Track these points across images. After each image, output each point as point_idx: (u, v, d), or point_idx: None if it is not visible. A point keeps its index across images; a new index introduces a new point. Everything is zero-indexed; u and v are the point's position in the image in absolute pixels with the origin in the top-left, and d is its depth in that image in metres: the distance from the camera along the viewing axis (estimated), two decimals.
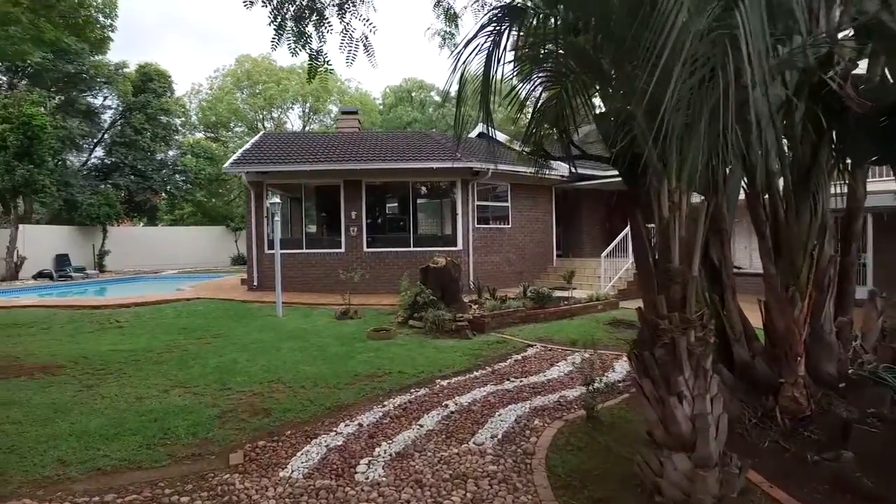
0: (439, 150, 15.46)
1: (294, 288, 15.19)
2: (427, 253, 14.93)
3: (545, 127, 6.06)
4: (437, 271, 10.62)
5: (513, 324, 10.63)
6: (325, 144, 16.12)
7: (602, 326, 10.68)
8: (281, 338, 9.72)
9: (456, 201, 15.46)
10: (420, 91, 43.70)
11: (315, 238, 16.40)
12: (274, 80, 35.04)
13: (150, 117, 25.86)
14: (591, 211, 18.79)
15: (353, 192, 15.25)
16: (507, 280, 16.28)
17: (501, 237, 16.36)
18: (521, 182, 16.72)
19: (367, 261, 15.19)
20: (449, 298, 10.74)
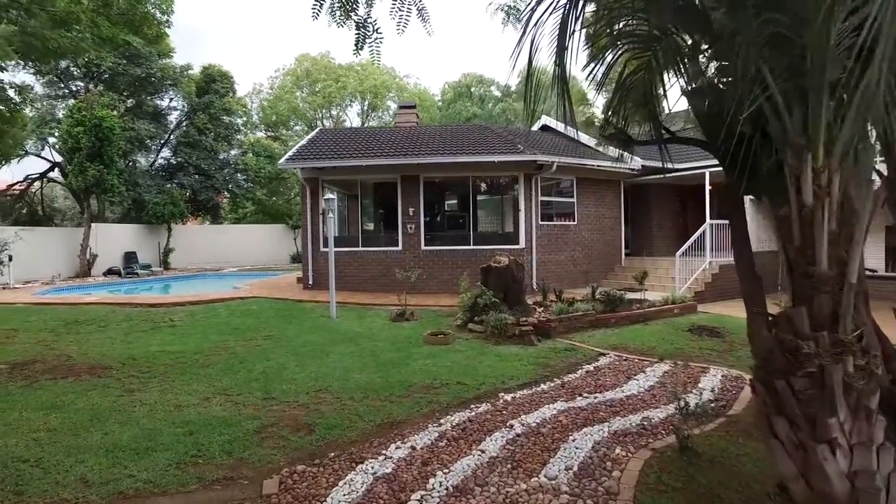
0: (500, 143, 14.67)
1: (349, 287, 14.77)
2: (487, 251, 14.19)
3: (628, 107, 5.16)
4: (499, 271, 9.86)
5: (581, 329, 9.73)
6: (382, 139, 15.63)
7: (681, 333, 9.62)
8: (332, 341, 9.21)
9: (518, 197, 14.62)
10: (479, 86, 42.92)
11: (371, 236, 15.95)
12: (332, 77, 35.11)
13: (213, 117, 26.29)
14: (661, 207, 17.53)
15: (410, 188, 14.67)
16: (573, 280, 15.33)
17: (566, 235, 15.40)
18: (589, 176, 15.71)
19: (425, 259, 14.58)
20: (512, 300, 9.95)
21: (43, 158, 24.21)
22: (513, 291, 9.96)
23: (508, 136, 15.70)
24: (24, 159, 23.97)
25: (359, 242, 15.06)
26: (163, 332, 10.05)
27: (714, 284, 14.08)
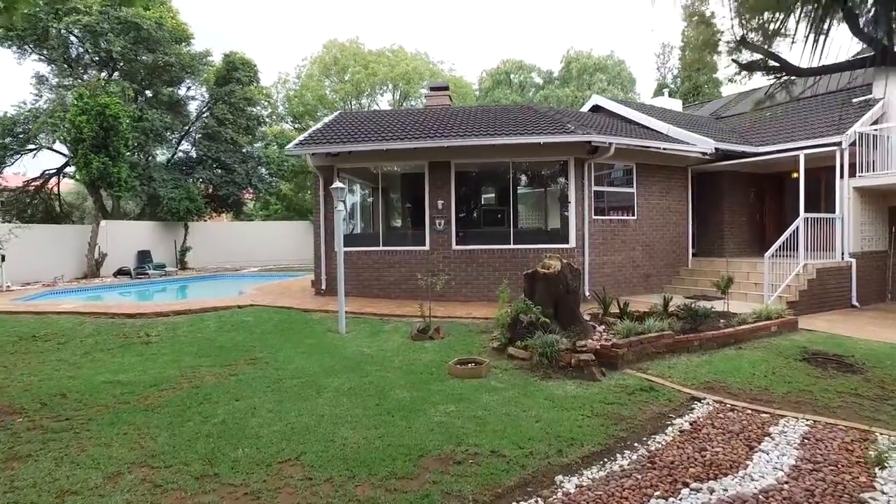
0: (546, 123, 12.36)
1: (367, 293, 12.72)
2: (530, 252, 11.95)
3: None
4: (549, 279, 7.60)
5: (656, 355, 7.40)
6: (409, 121, 13.50)
7: (794, 364, 7.18)
8: (331, 369, 7.15)
9: (568, 186, 12.28)
10: (519, 72, 40.44)
11: (395, 234, 13.86)
12: (361, 64, 33.14)
13: (234, 107, 24.66)
14: (734, 199, 14.87)
15: (440, 177, 12.51)
16: (632, 286, 12.93)
17: (625, 232, 12.98)
18: (651, 162, 13.23)
19: (456, 261, 12.41)
20: (565, 317, 7.69)
21: (57, 152, 23.02)
22: (566, 305, 7.69)
23: (555, 116, 13.36)
24: (38, 153, 22.81)
25: (379, 241, 12.97)
26: (130, 351, 8.17)
27: (811, 293, 11.48)
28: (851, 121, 12.75)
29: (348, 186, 14.43)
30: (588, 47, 47.30)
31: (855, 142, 12.31)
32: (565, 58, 41.50)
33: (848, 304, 12.37)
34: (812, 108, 15.21)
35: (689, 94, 32.89)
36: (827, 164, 12.63)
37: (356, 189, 14.75)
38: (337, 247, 9.77)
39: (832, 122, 13.33)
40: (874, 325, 10.11)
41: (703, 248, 14.93)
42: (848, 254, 12.46)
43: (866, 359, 7.40)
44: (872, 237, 13.18)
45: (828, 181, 13.69)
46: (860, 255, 12.67)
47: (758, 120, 16.19)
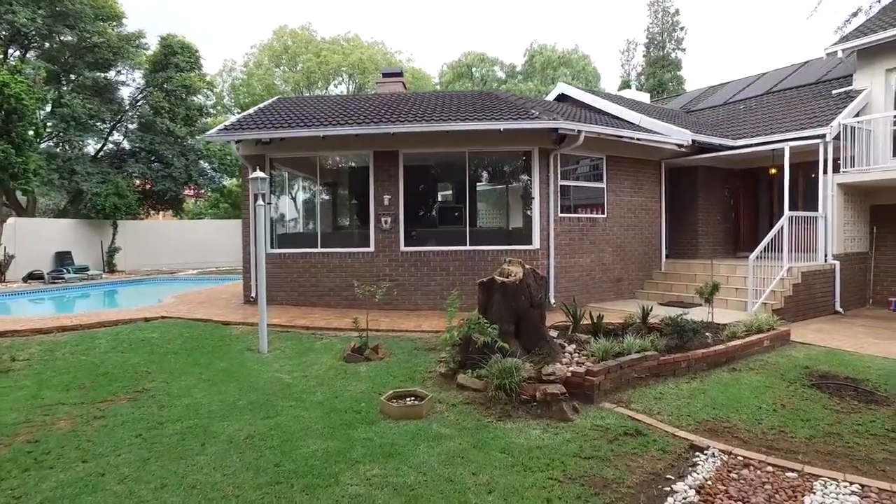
0: (508, 109, 10.98)
1: (304, 301, 11.12)
2: (489, 254, 10.56)
3: None
4: (508, 290, 6.16)
5: (638, 381, 6.06)
6: (353, 107, 11.91)
7: (803, 391, 5.94)
8: (235, 404, 5.59)
9: (532, 180, 10.92)
10: (481, 65, 39.09)
11: (335, 233, 12.27)
12: (314, 51, 31.18)
13: (172, 95, 22.51)
14: (709, 196, 13.81)
15: (386, 168, 11.00)
16: (602, 291, 11.69)
17: (594, 231, 11.70)
18: (622, 154, 12.00)
19: (405, 264, 10.92)
20: (528, 335, 6.29)
21: None
22: (530, 321, 6.28)
23: (518, 102, 12.01)
24: None
25: (317, 242, 11.37)
26: None
27: (796, 299, 10.43)
28: (834, 113, 11.79)
29: (287, 180, 12.79)
30: (552, 41, 46.39)
31: (839, 135, 11.35)
32: (528, 51, 40.44)
33: (832, 311, 11.40)
34: (788, 100, 14.29)
35: (654, 92, 32.18)
36: (806, 160, 11.65)
37: (295, 183, 13.07)
38: (258, 249, 8.16)
39: (812, 113, 12.37)
40: (870, 337, 9.06)
41: (676, 249, 13.83)
42: (831, 256, 11.49)
43: (884, 383, 6.22)
44: (855, 237, 12.26)
45: (806, 177, 12.75)
46: (843, 256, 11.72)
47: (732, 113, 15.21)
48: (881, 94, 12.39)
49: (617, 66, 60.12)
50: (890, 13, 13.12)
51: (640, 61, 38.92)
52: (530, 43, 41.20)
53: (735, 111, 15.25)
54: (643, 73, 37.93)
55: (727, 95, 17.05)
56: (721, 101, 16.69)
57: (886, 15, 13.09)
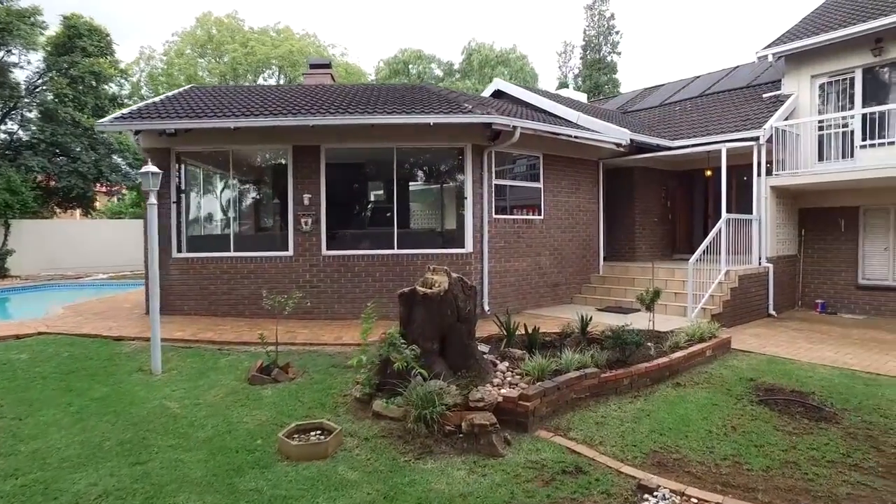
0: (439, 102, 10.24)
1: (216, 311, 10.02)
2: (419, 258, 9.81)
3: None
4: (432, 302, 5.39)
5: (578, 402, 5.44)
6: (273, 97, 10.85)
7: (750, 409, 5.48)
8: (101, 445, 4.60)
9: (465, 179, 10.22)
10: (418, 63, 38.30)
11: (250, 236, 11.15)
12: (240, 41, 29.47)
13: (78, 81, 20.49)
14: (647, 197, 13.58)
15: (307, 164, 10.05)
16: (539, 296, 11.14)
17: (530, 234, 11.13)
18: (560, 153, 11.50)
19: (327, 269, 10.01)
20: (455, 353, 5.55)
21: None
22: (457, 337, 5.53)
23: (450, 96, 11.31)
24: None
25: (230, 245, 10.26)
26: None
27: (734, 303, 10.21)
28: (766, 116, 11.73)
29: (200, 177, 11.57)
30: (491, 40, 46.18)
31: (771, 138, 11.27)
32: (466, 49, 39.97)
33: (766, 314, 11.31)
34: (722, 103, 14.25)
35: (591, 94, 32.35)
36: (739, 162, 11.53)
37: (209, 180, 11.85)
38: (150, 253, 7.05)
39: (746, 116, 12.30)
40: (806, 341, 8.88)
41: (614, 252, 13.51)
42: (765, 258, 11.39)
43: (830, 396, 5.86)
44: (786, 240, 12.26)
45: (738, 180, 12.68)
46: (776, 259, 11.66)
47: (668, 114, 15.07)
48: (807, 100, 12.48)
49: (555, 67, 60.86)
50: (816, 20, 13.25)
51: (577, 63, 39.23)
52: (468, 41, 40.79)
53: (671, 112, 15.14)
54: (580, 75, 38.20)
55: (663, 97, 16.98)
56: (657, 103, 16.60)
57: (812, 22, 13.21)
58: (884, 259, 11.84)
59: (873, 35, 11.40)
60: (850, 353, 8.10)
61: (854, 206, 12.04)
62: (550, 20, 70.72)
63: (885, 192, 11.52)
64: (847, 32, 11.52)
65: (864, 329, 10.14)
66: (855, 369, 7.10)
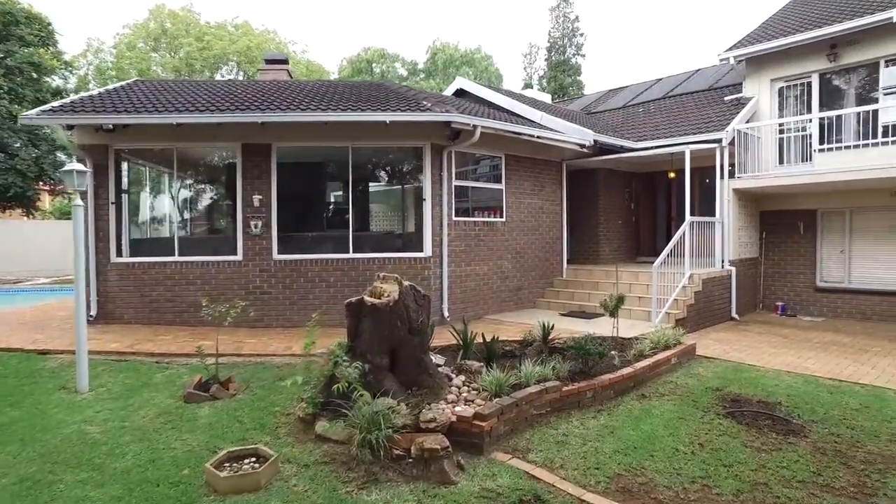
0: (397, 100, 9.83)
1: (159, 319, 9.40)
2: (376, 262, 9.39)
3: None
4: (380, 314, 4.97)
5: (538, 418, 5.10)
6: (222, 93, 10.24)
7: (717, 423, 5.22)
8: None
9: (423, 179, 9.81)
10: (382, 61, 37.71)
11: (196, 239, 10.51)
12: (195, 35, 28.38)
13: (13, 72, 19.30)
14: (610, 199, 13.42)
15: (257, 164, 9.51)
16: (501, 301, 10.83)
17: (492, 237, 10.81)
18: (522, 154, 11.22)
19: (279, 275, 9.48)
20: (406, 368, 5.14)
21: None
22: (409, 351, 5.12)
23: (409, 93, 10.91)
24: None
25: (174, 249, 9.63)
26: None
27: (697, 307, 10.08)
28: (728, 118, 11.68)
29: (144, 176, 10.89)
30: (456, 40, 46.03)
31: (733, 140, 11.21)
32: (431, 48, 39.61)
33: (728, 317, 11.24)
34: (685, 105, 14.21)
35: (555, 95, 32.36)
36: (702, 165, 11.45)
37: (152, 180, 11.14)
38: (77, 258, 6.44)
39: (709, 118, 12.24)
40: (768, 346, 8.79)
41: (578, 255, 13.31)
42: (728, 261, 11.32)
43: (796, 406, 5.68)
44: (748, 243, 12.25)
45: (701, 182, 12.65)
46: (738, 262, 11.61)
47: (631, 116, 14.97)
48: (767, 103, 12.51)
49: (520, 69, 60.93)
50: (776, 24, 13.32)
51: (542, 65, 39.27)
52: (433, 40, 40.46)
53: (634, 114, 15.04)
54: (545, 76, 38.24)
55: (626, 98, 16.92)
56: (620, 104, 16.51)
57: (772, 26, 13.27)
58: (840, 262, 11.93)
59: (828, 41, 11.48)
60: (812, 357, 8.03)
61: (812, 209, 12.10)
62: (516, 22, 71.00)
63: (841, 196, 11.60)
64: (803, 38, 11.58)
65: (823, 332, 10.14)
66: (818, 376, 6.98)
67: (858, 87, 11.66)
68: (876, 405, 5.82)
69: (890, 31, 10.83)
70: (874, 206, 11.37)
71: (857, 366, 7.56)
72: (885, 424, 5.25)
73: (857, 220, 11.72)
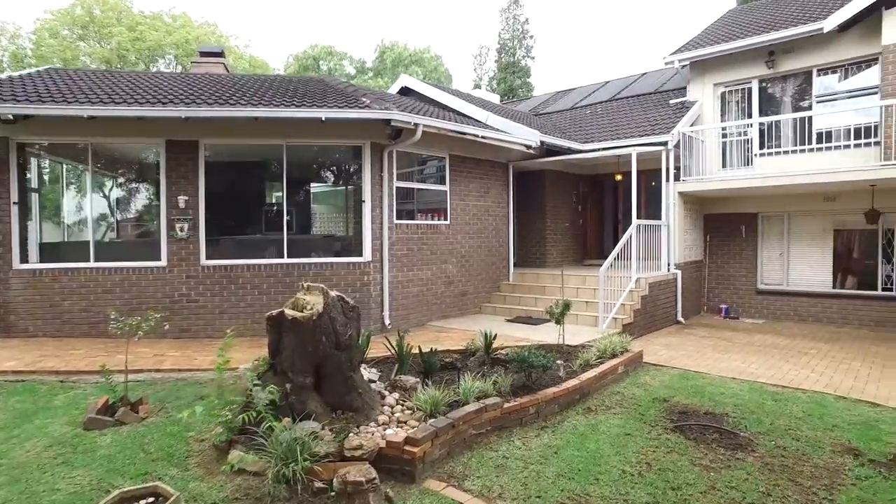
0: (335, 97, 9.32)
1: (71, 332, 8.59)
2: (312, 267, 8.87)
3: None
4: (302, 329, 4.47)
5: (478, 439, 4.73)
6: (147, 85, 9.46)
7: (665, 439, 4.97)
8: None
9: (363, 180, 9.32)
10: (330, 59, 36.79)
11: (115, 243, 9.70)
12: (127, 25, 26.77)
13: None
14: (558, 202, 13.25)
15: (183, 162, 8.81)
16: (445, 307, 10.47)
17: (436, 240, 10.42)
18: (468, 154, 10.88)
19: (208, 281, 8.81)
20: (333, 387, 4.67)
21: None
22: (336, 368, 4.64)
23: (348, 90, 10.40)
24: None
25: (90, 254, 8.82)
26: None
27: (644, 311, 9.96)
28: (674, 121, 11.68)
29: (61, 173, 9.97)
30: (405, 39, 45.55)
31: (679, 143, 11.20)
32: (380, 47, 38.99)
33: (674, 321, 11.22)
34: (632, 107, 14.21)
35: (505, 96, 32.32)
36: (647, 167, 11.41)
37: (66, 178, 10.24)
38: None
39: (655, 121, 12.23)
40: (714, 350, 8.73)
41: (525, 258, 13.08)
42: (674, 265, 11.30)
43: (742, 417, 5.50)
44: (693, 246, 12.29)
45: (648, 185, 12.64)
46: (684, 265, 11.61)
47: (579, 117, 14.89)
48: (710, 107, 12.62)
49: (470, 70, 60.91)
50: (718, 30, 13.47)
51: (492, 66, 39.22)
52: (381, 39, 39.85)
53: (582, 116, 14.97)
54: (495, 77, 38.21)
55: (574, 100, 16.86)
56: (568, 106, 16.43)
57: (715, 32, 13.42)
58: (779, 264, 12.11)
59: (766, 48, 11.67)
60: (756, 361, 8.00)
61: (754, 212, 12.24)
62: (467, 23, 71.01)
63: (780, 200, 11.77)
64: (743, 44, 11.72)
65: (765, 334, 10.22)
66: (762, 382, 6.90)
67: (794, 94, 11.88)
68: (818, 412, 5.73)
69: (821, 41, 11.08)
70: (809, 210, 11.59)
71: (798, 369, 7.56)
72: (827, 434, 5.14)
73: (795, 223, 11.93)
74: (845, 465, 4.46)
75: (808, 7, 12.33)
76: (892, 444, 4.90)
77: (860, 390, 6.59)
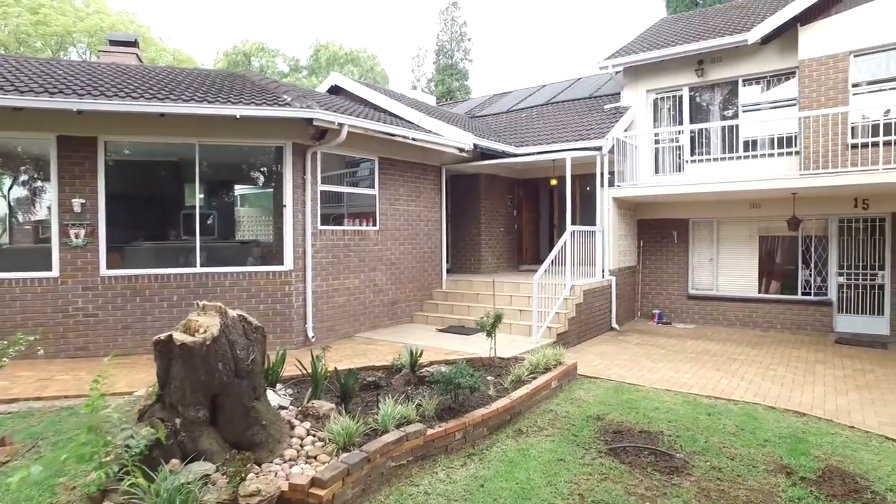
0: (254, 93, 8.64)
1: None
2: (228, 278, 8.18)
3: None
4: (196, 356, 3.87)
5: (398, 471, 4.27)
6: (32, 72, 8.42)
7: (599, 464, 4.66)
8: None
9: (283, 184, 8.68)
10: (261, 55, 35.42)
11: None
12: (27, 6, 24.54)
13: None
14: (492, 206, 12.99)
15: (79, 161, 7.92)
16: (374, 317, 9.97)
17: (364, 247, 9.89)
18: (398, 157, 10.42)
19: (109, 294, 7.95)
20: (232, 420, 4.08)
21: None
22: (235, 399, 4.07)
23: (269, 86, 9.71)
24: None
25: None
26: None
27: (579, 319, 9.79)
28: (608, 126, 11.62)
29: None
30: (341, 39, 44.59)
31: (613, 148, 11.15)
32: (314, 45, 37.90)
33: (609, 327, 11.14)
34: (567, 112, 14.14)
35: (443, 98, 32.05)
36: (583, 172, 11.30)
37: None
38: None
39: (590, 126, 12.15)
40: (648, 359, 8.64)
41: (459, 264, 12.75)
42: (609, 271, 11.22)
43: (678, 436, 5.29)
44: (627, 251, 12.28)
45: (583, 190, 12.57)
46: (618, 271, 11.57)
47: (514, 121, 14.70)
48: (644, 113, 12.69)
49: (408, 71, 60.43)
50: (652, 37, 13.59)
51: (430, 68, 38.93)
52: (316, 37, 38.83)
53: (517, 119, 14.79)
54: (433, 79, 37.92)
55: (510, 103, 16.70)
56: (504, 109, 16.25)
57: (648, 38, 13.53)
58: (709, 270, 12.29)
59: (695, 56, 11.84)
60: (689, 371, 7.95)
61: (685, 218, 12.37)
62: (405, 24, 70.52)
63: (709, 206, 11.94)
64: (674, 51, 11.85)
65: (696, 340, 10.29)
66: (696, 393, 6.80)
67: (722, 103, 12.10)
68: (750, 426, 5.62)
69: (746, 53, 11.32)
70: (737, 216, 11.80)
71: (729, 378, 7.56)
72: (760, 450, 5.00)
73: (723, 229, 12.13)
74: (779, 486, 4.29)
75: (734, 19, 12.60)
76: (820, 458, 4.82)
77: (787, 398, 6.65)
